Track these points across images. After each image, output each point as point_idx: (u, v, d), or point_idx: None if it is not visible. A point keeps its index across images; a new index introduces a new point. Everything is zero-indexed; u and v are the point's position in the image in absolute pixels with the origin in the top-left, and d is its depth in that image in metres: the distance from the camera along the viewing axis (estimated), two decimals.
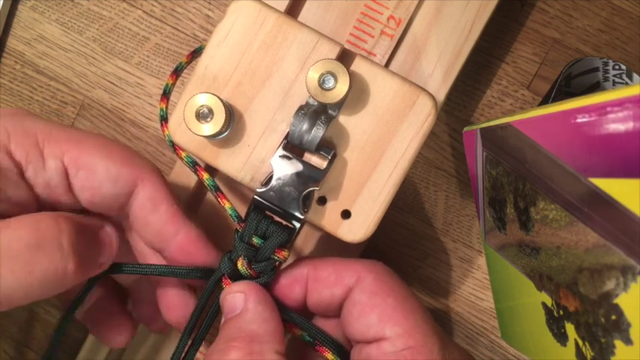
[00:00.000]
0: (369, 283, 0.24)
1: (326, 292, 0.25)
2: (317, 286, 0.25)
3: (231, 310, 0.25)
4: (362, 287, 0.24)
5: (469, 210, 0.36)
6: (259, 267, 0.25)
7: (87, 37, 0.37)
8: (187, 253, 0.26)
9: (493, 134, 0.25)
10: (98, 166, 0.25)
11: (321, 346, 0.25)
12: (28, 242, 0.22)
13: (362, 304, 0.24)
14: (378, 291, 0.24)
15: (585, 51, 0.35)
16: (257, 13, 0.25)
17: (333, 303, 0.25)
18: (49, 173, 0.24)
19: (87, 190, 0.25)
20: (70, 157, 0.24)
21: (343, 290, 0.25)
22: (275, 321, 0.25)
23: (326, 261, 0.26)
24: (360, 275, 0.25)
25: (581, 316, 0.22)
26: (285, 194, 0.25)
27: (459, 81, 0.29)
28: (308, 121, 0.24)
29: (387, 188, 0.26)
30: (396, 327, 0.23)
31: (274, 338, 0.24)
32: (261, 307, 0.25)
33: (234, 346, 0.23)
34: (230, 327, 0.24)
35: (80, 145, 0.25)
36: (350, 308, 0.25)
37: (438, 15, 0.28)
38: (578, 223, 0.21)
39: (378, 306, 0.24)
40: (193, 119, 0.25)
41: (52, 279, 0.22)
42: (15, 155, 0.23)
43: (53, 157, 0.24)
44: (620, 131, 0.17)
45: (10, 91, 0.37)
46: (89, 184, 0.25)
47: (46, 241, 0.22)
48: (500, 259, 0.30)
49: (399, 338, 0.23)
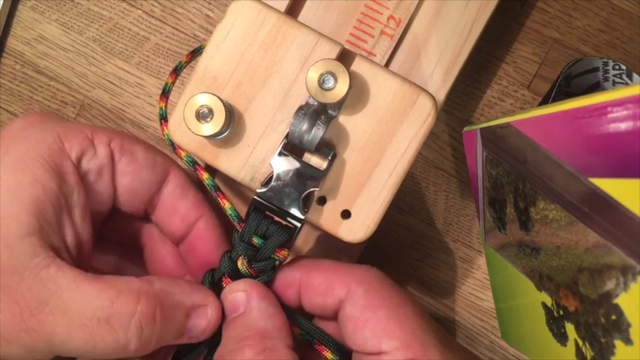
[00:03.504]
0: (360, 296, 0.24)
1: (318, 300, 0.25)
2: (309, 293, 0.25)
3: (234, 310, 0.25)
4: (353, 301, 0.24)
5: (469, 210, 0.36)
6: (259, 266, 0.25)
7: (87, 37, 0.37)
8: (206, 240, 0.27)
9: (493, 134, 0.25)
10: (138, 151, 0.26)
11: (320, 345, 0.25)
12: (100, 316, 0.21)
13: (355, 319, 0.24)
14: (369, 304, 0.24)
15: (585, 51, 0.35)
16: (257, 14, 0.25)
17: (326, 310, 0.25)
18: (100, 159, 0.25)
19: (127, 175, 0.26)
20: (116, 143, 0.25)
21: (334, 301, 0.25)
22: (281, 316, 0.25)
23: (319, 267, 0.26)
24: (349, 288, 0.24)
25: (581, 316, 0.22)
26: (285, 195, 0.25)
27: (459, 81, 0.29)
28: (308, 121, 0.24)
29: (387, 188, 0.26)
30: (392, 340, 0.23)
31: (283, 333, 0.24)
32: (265, 304, 0.25)
33: (247, 344, 0.23)
34: (237, 326, 0.24)
35: (117, 133, 0.26)
36: (345, 322, 0.24)
37: (438, 15, 0.28)
38: (578, 223, 0.21)
39: (370, 320, 0.23)
40: (193, 119, 0.25)
41: (111, 352, 0.22)
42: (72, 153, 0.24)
43: (103, 144, 0.25)
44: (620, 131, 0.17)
45: (10, 91, 0.37)
46: (131, 169, 0.26)
47: (115, 319, 0.22)
48: (500, 259, 0.30)
49: (397, 351, 0.23)
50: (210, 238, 0.27)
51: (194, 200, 0.27)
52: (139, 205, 0.27)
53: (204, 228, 0.27)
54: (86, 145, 0.24)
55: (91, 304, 0.21)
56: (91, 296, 0.22)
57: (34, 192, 0.22)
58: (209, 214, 0.27)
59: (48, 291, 0.21)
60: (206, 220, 0.27)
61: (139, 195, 0.26)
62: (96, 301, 0.22)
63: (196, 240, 0.27)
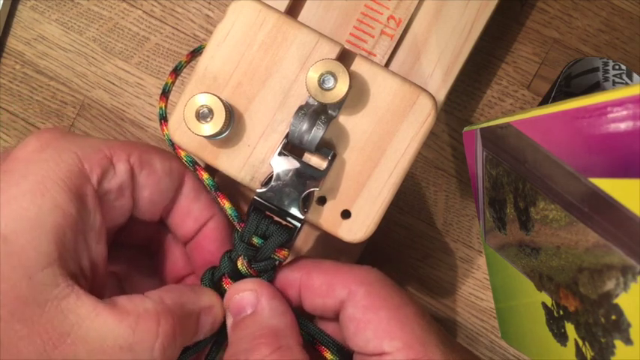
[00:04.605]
0: (361, 296, 0.24)
1: (318, 300, 0.25)
2: (309, 294, 0.25)
3: (241, 310, 0.25)
4: (354, 302, 0.24)
5: (469, 210, 0.36)
6: (259, 266, 0.25)
7: (87, 37, 0.37)
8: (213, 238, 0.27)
9: (493, 134, 0.25)
10: (156, 162, 0.26)
11: (320, 345, 0.25)
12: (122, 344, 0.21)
13: (356, 320, 0.24)
14: (370, 305, 0.24)
15: (585, 51, 0.35)
16: (257, 14, 0.25)
17: (327, 311, 0.25)
18: (120, 177, 0.24)
19: (147, 188, 0.25)
20: (135, 157, 0.25)
21: (335, 302, 0.25)
22: (290, 314, 0.25)
23: (319, 267, 0.26)
24: (350, 289, 0.24)
25: (581, 316, 0.22)
26: (285, 195, 0.25)
27: (459, 81, 0.29)
28: (308, 121, 0.24)
29: (387, 188, 0.26)
30: (394, 341, 0.23)
31: (295, 331, 0.24)
32: (275, 302, 0.25)
33: (261, 342, 0.23)
34: (249, 325, 0.24)
35: (136, 146, 0.25)
36: (346, 323, 0.24)
37: (438, 15, 0.28)
38: (578, 223, 0.21)
39: (371, 321, 0.24)
40: (193, 119, 0.24)
41: None
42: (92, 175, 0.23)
43: (123, 161, 0.24)
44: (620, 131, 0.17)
45: (10, 91, 0.37)
46: (151, 181, 0.25)
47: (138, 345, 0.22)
48: (500, 259, 0.30)
49: (399, 352, 0.23)
50: (217, 237, 0.27)
51: (206, 201, 0.27)
52: (157, 213, 0.27)
53: (213, 227, 0.27)
54: (106, 165, 0.24)
55: (112, 333, 0.21)
56: (111, 325, 0.21)
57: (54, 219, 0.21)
58: (219, 214, 0.28)
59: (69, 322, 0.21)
60: (216, 219, 0.27)
61: (158, 204, 0.26)
62: (117, 330, 0.21)
63: (204, 238, 0.27)
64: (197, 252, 0.28)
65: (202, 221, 0.27)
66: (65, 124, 0.37)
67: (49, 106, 0.37)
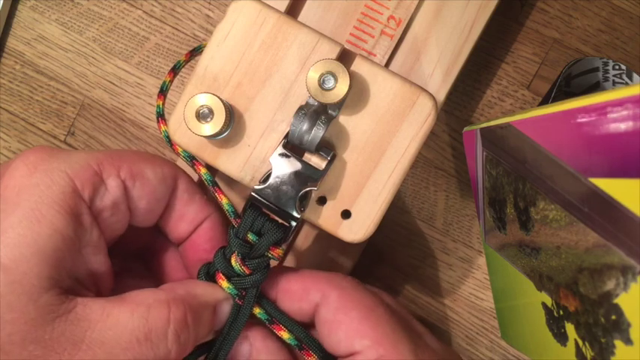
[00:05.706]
0: (334, 299, 0.25)
1: (295, 305, 0.26)
2: (286, 298, 0.26)
3: None
4: (327, 304, 0.25)
5: (469, 210, 0.36)
6: (253, 264, 0.25)
7: (87, 37, 0.37)
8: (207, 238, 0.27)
9: (493, 134, 0.25)
10: (147, 171, 0.25)
11: (306, 350, 0.25)
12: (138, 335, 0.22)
13: (329, 322, 0.24)
14: (342, 306, 0.24)
15: (585, 51, 0.35)
16: (257, 14, 0.25)
17: (303, 315, 0.26)
18: (112, 194, 0.24)
19: (144, 198, 0.25)
20: (125, 171, 0.24)
21: (310, 306, 0.25)
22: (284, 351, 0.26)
23: (297, 274, 0.26)
24: (324, 292, 0.25)
25: (581, 316, 0.22)
26: (282, 193, 0.25)
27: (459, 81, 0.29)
28: (308, 121, 0.24)
29: (387, 188, 0.26)
30: (364, 340, 0.24)
31: None
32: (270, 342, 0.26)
33: None
34: None
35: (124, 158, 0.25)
36: (320, 326, 0.25)
37: (438, 15, 0.28)
38: (578, 223, 0.21)
39: (342, 321, 0.24)
40: (193, 119, 0.25)
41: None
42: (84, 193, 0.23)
43: (113, 176, 0.24)
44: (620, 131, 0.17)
45: (10, 91, 0.37)
46: (146, 191, 0.25)
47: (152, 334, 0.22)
48: (500, 259, 0.30)
49: (369, 350, 0.23)
50: (212, 237, 0.27)
51: (200, 203, 0.27)
52: (154, 219, 0.27)
53: (209, 227, 0.27)
54: (97, 182, 0.24)
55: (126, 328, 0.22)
56: (124, 320, 0.22)
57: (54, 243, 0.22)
58: (214, 214, 0.28)
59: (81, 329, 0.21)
60: (211, 219, 0.27)
61: (155, 212, 0.26)
62: (130, 323, 0.22)
63: (199, 237, 0.27)
64: (192, 251, 0.28)
65: (197, 223, 0.27)
66: (65, 124, 0.37)
67: (49, 106, 0.37)
